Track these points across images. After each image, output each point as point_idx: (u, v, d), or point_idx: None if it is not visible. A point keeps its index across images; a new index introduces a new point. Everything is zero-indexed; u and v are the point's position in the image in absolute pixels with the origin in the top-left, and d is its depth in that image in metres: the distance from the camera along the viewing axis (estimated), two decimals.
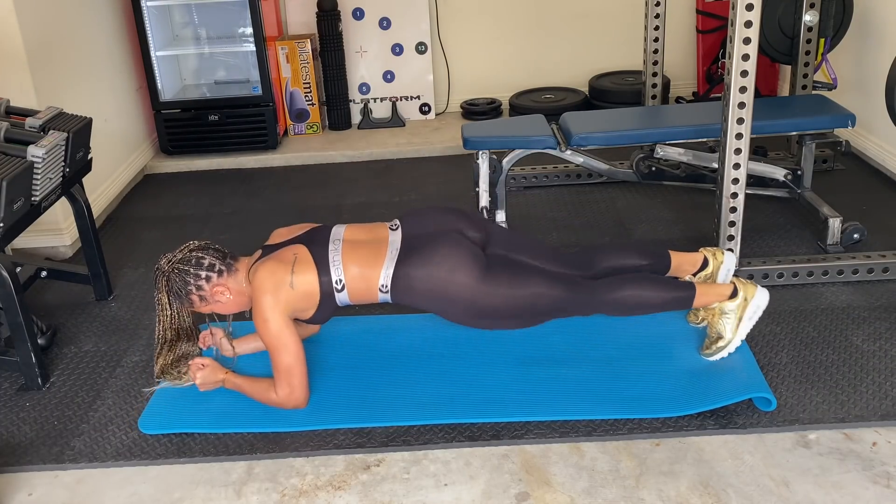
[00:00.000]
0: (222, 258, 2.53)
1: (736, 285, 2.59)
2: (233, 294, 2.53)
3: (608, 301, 2.55)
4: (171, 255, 2.52)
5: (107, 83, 4.23)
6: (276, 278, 2.42)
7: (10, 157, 2.63)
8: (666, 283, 2.63)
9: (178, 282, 2.48)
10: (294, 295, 2.43)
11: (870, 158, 4.08)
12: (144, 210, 4.14)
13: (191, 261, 2.49)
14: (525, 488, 2.21)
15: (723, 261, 2.77)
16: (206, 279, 2.49)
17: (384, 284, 2.47)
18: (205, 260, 2.50)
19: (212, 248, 2.54)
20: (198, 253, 2.51)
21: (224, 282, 2.51)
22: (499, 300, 2.47)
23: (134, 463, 2.38)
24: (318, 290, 2.46)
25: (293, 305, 2.45)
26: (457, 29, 5.08)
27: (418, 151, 4.67)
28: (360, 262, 2.48)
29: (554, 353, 2.71)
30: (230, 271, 2.52)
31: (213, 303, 2.54)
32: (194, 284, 2.48)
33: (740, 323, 2.57)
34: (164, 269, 2.50)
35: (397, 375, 2.66)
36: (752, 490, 2.15)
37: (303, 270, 2.45)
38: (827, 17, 3.67)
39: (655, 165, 3.78)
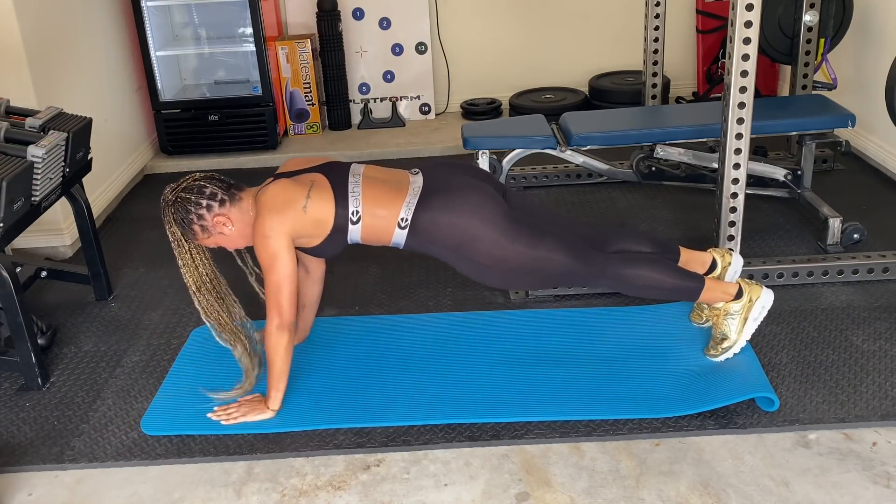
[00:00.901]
0: (226, 188, 2.45)
1: (741, 286, 2.58)
2: (235, 225, 2.44)
3: (619, 275, 2.54)
4: (176, 184, 2.45)
5: (107, 83, 4.23)
6: (287, 195, 2.35)
7: (10, 157, 2.63)
8: (678, 270, 2.62)
9: (181, 211, 2.41)
10: (304, 219, 2.36)
11: (870, 158, 4.08)
12: (144, 210, 4.14)
13: (192, 189, 2.42)
14: (525, 488, 2.21)
15: (730, 262, 2.76)
16: (206, 208, 2.41)
17: (404, 218, 2.39)
18: (206, 189, 2.42)
19: (216, 178, 2.48)
20: (200, 182, 2.44)
21: (226, 211, 2.43)
22: (514, 253, 2.43)
23: (134, 463, 2.38)
24: (332, 219, 2.38)
25: (300, 230, 2.38)
26: (457, 29, 5.08)
27: (418, 151, 4.67)
28: (381, 196, 2.41)
29: (554, 353, 2.71)
30: (233, 200, 2.44)
31: (216, 234, 2.45)
32: (195, 213, 2.40)
33: (745, 323, 2.56)
34: (168, 197, 2.43)
35: (397, 375, 2.65)
36: (752, 490, 2.15)
37: (319, 196, 2.37)
38: (827, 17, 3.67)
39: (655, 165, 3.78)
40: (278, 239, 2.34)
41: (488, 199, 2.45)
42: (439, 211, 2.41)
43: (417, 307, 3.08)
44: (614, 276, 2.55)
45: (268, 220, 2.35)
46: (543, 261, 2.47)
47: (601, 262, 2.54)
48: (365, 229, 2.43)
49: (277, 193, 2.37)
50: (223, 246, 2.52)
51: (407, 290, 3.20)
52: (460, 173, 2.56)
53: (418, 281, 3.25)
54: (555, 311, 2.97)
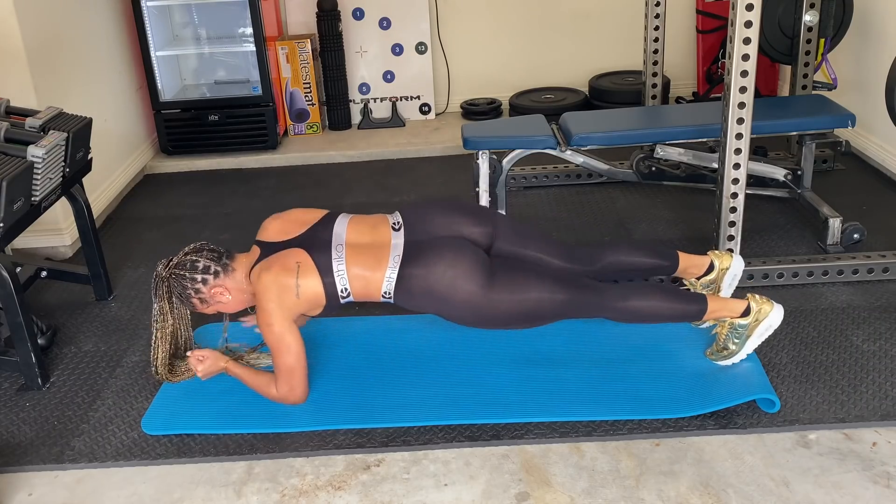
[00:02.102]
0: (217, 259, 2.52)
1: (750, 303, 2.52)
2: (232, 293, 2.53)
3: (617, 308, 2.52)
4: (168, 261, 2.53)
5: (107, 83, 4.23)
6: (280, 284, 2.41)
7: (10, 157, 2.63)
8: (677, 294, 2.58)
9: (178, 287, 2.50)
10: (299, 303, 2.43)
11: (870, 158, 4.08)
12: (144, 210, 4.14)
13: (185, 265, 2.50)
14: (525, 488, 2.21)
15: (728, 266, 2.73)
16: (202, 282, 2.49)
17: (387, 291, 2.46)
18: (199, 263, 2.50)
19: (206, 250, 2.53)
20: (192, 256, 2.51)
21: (222, 282, 2.51)
22: (503, 306, 2.44)
23: (134, 463, 2.38)
24: (323, 295, 2.46)
25: (298, 310, 2.46)
26: (457, 29, 5.08)
27: (418, 151, 4.67)
28: (364, 266, 2.46)
29: (555, 353, 2.71)
30: (227, 272, 2.52)
31: (215, 304, 2.54)
32: (192, 288, 2.49)
33: (749, 339, 2.53)
34: (163, 275, 2.51)
35: (397, 376, 2.66)
36: (752, 490, 2.15)
37: (307, 280, 2.43)
38: (827, 17, 3.67)
39: (655, 165, 3.77)
40: (281, 323, 2.42)
41: (468, 264, 2.43)
42: (418, 281, 2.44)
43: None
44: (611, 309, 2.52)
45: (267, 310, 2.42)
46: (535, 304, 2.46)
47: (596, 297, 2.51)
48: (356, 296, 2.50)
49: (270, 283, 2.41)
50: (221, 311, 2.61)
51: None
52: (440, 218, 2.56)
53: None
54: None
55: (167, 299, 2.52)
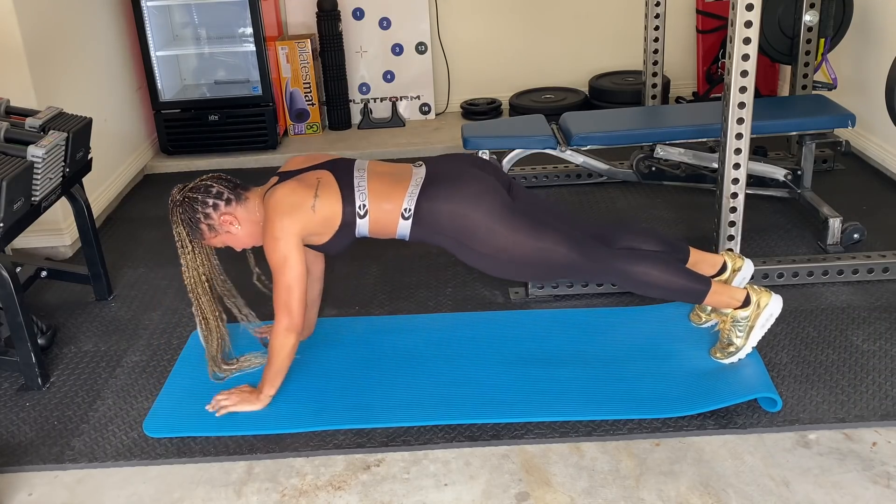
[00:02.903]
0: (232, 187, 2.49)
1: (749, 293, 2.54)
2: (242, 224, 2.48)
3: (625, 271, 2.52)
4: (184, 185, 2.49)
5: (107, 83, 4.23)
6: (296, 197, 2.38)
7: (10, 157, 2.62)
8: (685, 271, 2.58)
9: (189, 210, 2.45)
10: (314, 219, 2.39)
11: (870, 158, 4.08)
12: (144, 210, 4.14)
13: (199, 188, 2.47)
14: (525, 488, 2.21)
15: (741, 268, 2.72)
16: (213, 206, 2.45)
17: (407, 209, 2.43)
18: (213, 188, 2.46)
19: (223, 178, 2.52)
20: (207, 182, 2.49)
21: (232, 210, 2.47)
22: (514, 243, 2.44)
23: (134, 463, 2.38)
24: (340, 215, 2.42)
25: (309, 229, 2.41)
26: (457, 29, 5.08)
27: (418, 151, 4.67)
28: (386, 188, 2.44)
29: (555, 353, 2.71)
30: (239, 200, 2.48)
31: (223, 233, 2.49)
32: (202, 212, 2.44)
33: (752, 331, 2.53)
34: (176, 197, 2.47)
35: (398, 376, 2.65)
36: (752, 490, 2.15)
37: (327, 194, 2.40)
38: (827, 17, 3.67)
39: (655, 165, 3.78)
40: (288, 241, 2.37)
41: (490, 189, 2.46)
42: (441, 200, 2.43)
43: (417, 307, 3.08)
44: (620, 271, 2.53)
45: (277, 222, 2.37)
46: (545, 252, 2.47)
47: (606, 258, 2.53)
48: (372, 223, 2.46)
49: (286, 195, 2.39)
50: (231, 245, 2.55)
51: (407, 291, 3.20)
52: (464, 164, 2.57)
53: (418, 281, 3.25)
54: (555, 312, 2.97)
55: (182, 224, 2.47)
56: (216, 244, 2.54)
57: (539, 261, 2.48)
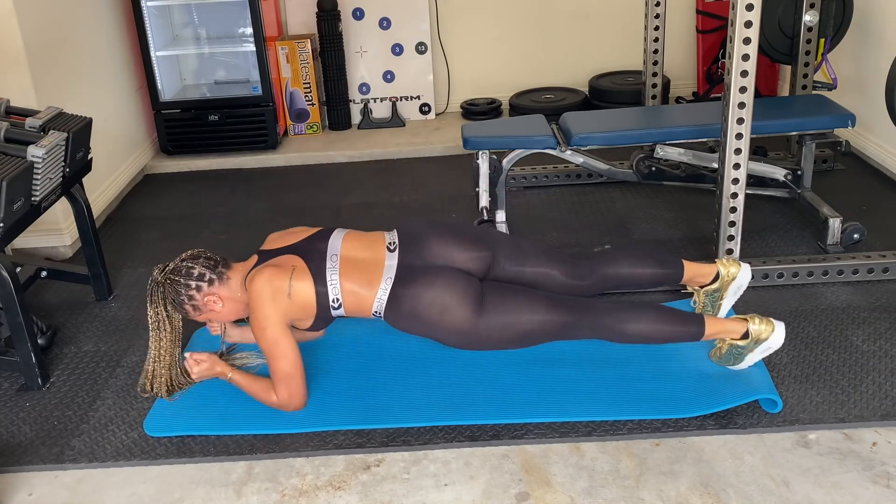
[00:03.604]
0: (213, 267, 2.52)
1: (749, 327, 2.46)
2: (225, 302, 2.53)
3: (613, 330, 2.49)
4: (164, 265, 2.53)
5: (107, 83, 4.23)
6: (273, 286, 2.42)
7: (10, 157, 2.63)
8: (674, 317, 2.52)
9: (172, 292, 2.49)
10: (291, 306, 2.44)
11: (870, 158, 4.08)
12: (144, 210, 4.14)
13: (181, 270, 2.50)
14: (525, 488, 2.21)
15: (735, 276, 2.68)
16: (196, 289, 2.49)
17: (377, 311, 2.49)
18: (194, 270, 2.49)
19: (203, 257, 2.53)
20: (188, 262, 2.51)
21: (215, 290, 2.51)
22: (493, 333, 2.45)
23: (134, 463, 2.38)
24: (314, 302, 2.46)
25: (291, 315, 2.46)
26: (457, 29, 5.08)
27: (418, 151, 4.67)
28: (356, 281, 2.47)
29: (555, 353, 2.71)
30: (221, 280, 2.52)
31: (207, 311, 2.54)
32: (185, 294, 2.49)
33: (747, 356, 2.50)
34: (158, 279, 2.51)
35: (397, 376, 2.65)
36: (752, 490, 2.15)
37: (301, 281, 2.44)
38: (827, 17, 3.67)
39: (655, 165, 3.77)
40: (275, 328, 2.43)
41: (458, 295, 2.43)
42: (407, 307, 2.45)
43: None
44: (609, 329, 2.49)
45: (260, 312, 2.42)
46: (528, 327, 2.46)
47: (592, 318, 2.48)
48: (347, 310, 2.51)
49: (264, 285, 2.42)
50: (214, 320, 2.61)
51: None
52: (436, 245, 2.55)
53: None
54: None
55: (163, 305, 2.51)
56: (201, 320, 2.59)
57: (523, 336, 2.49)
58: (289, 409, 2.49)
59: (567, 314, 2.47)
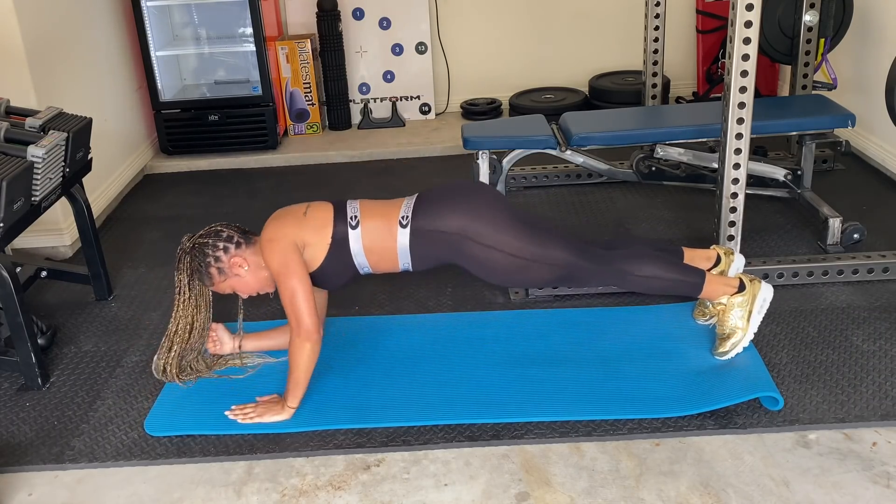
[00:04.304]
0: (241, 231, 2.58)
1: (742, 279, 2.63)
2: (250, 266, 2.53)
3: (622, 270, 2.61)
4: (193, 234, 2.57)
5: (107, 83, 4.23)
6: (290, 211, 2.54)
7: (10, 157, 2.63)
8: (680, 265, 2.68)
9: (199, 255, 2.51)
10: (306, 223, 2.49)
11: (870, 158, 4.08)
12: (144, 210, 4.14)
13: (210, 234, 2.54)
14: (525, 488, 2.21)
15: (733, 260, 2.81)
16: (223, 250, 2.51)
17: (405, 216, 2.51)
18: (223, 232, 2.55)
19: (233, 225, 2.60)
20: (217, 227, 2.57)
21: (242, 252, 2.53)
22: (515, 249, 2.50)
23: (134, 463, 2.38)
24: (331, 222, 2.50)
25: (302, 236, 2.48)
26: (457, 29, 5.08)
27: (418, 151, 4.67)
28: (378, 206, 2.56)
29: (555, 353, 2.71)
30: (248, 243, 2.55)
31: (232, 276, 2.53)
32: (213, 255, 2.50)
33: (751, 316, 2.59)
34: (186, 246, 2.53)
35: (397, 376, 2.66)
36: (752, 490, 2.15)
37: (317, 206, 2.55)
38: (827, 17, 3.67)
39: (655, 165, 3.78)
40: (284, 241, 2.46)
41: (487, 197, 2.57)
42: (439, 205, 2.53)
43: (417, 307, 3.08)
44: (619, 270, 2.61)
45: (272, 225, 2.51)
46: (545, 257, 2.53)
47: (604, 258, 2.61)
48: (366, 235, 2.50)
49: (280, 215, 2.55)
50: (237, 290, 2.59)
51: (407, 290, 3.20)
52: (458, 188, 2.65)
53: (418, 281, 3.25)
54: (555, 311, 2.97)
55: (187, 273, 2.52)
56: (223, 289, 2.58)
57: (540, 264, 2.54)
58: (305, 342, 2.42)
59: (583, 253, 2.59)
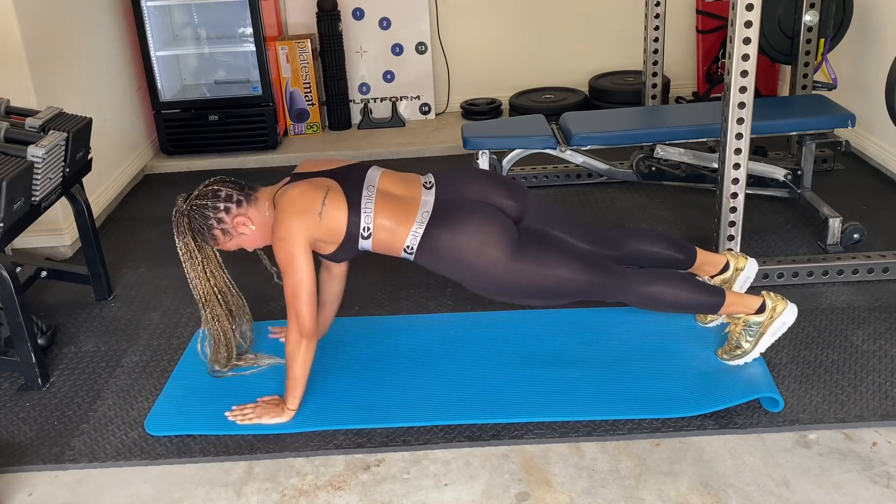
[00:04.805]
0: (240, 189, 2.46)
1: (765, 300, 2.52)
2: (256, 224, 2.45)
3: (638, 293, 2.50)
4: (188, 194, 2.46)
5: (107, 83, 4.23)
6: (305, 200, 2.35)
7: (10, 157, 2.62)
8: (698, 285, 2.56)
9: (199, 218, 2.41)
10: (320, 226, 2.36)
11: (870, 158, 4.08)
12: (144, 210, 4.14)
13: (207, 194, 2.42)
14: (525, 488, 2.21)
15: (743, 267, 2.73)
16: (225, 210, 2.41)
17: (409, 246, 2.41)
18: (221, 192, 2.43)
19: (229, 181, 2.48)
20: (214, 186, 2.44)
21: (245, 211, 2.44)
22: (527, 279, 2.42)
23: (134, 463, 2.38)
24: (344, 228, 2.39)
25: (316, 235, 2.38)
26: (457, 29, 5.08)
27: (418, 151, 4.67)
28: (391, 215, 2.40)
29: (556, 353, 2.71)
30: (250, 201, 2.45)
31: (237, 235, 2.45)
32: (214, 218, 2.41)
33: (762, 337, 2.52)
34: (182, 208, 2.44)
35: (398, 376, 2.65)
36: (752, 490, 2.15)
37: (334, 204, 2.37)
38: (827, 17, 3.67)
39: (655, 165, 3.78)
40: (295, 242, 2.34)
41: (497, 230, 2.41)
42: (444, 240, 2.40)
43: (417, 307, 3.08)
44: (634, 293, 2.51)
45: (285, 223, 2.35)
46: (558, 281, 2.44)
47: (619, 280, 2.50)
48: (375, 244, 2.44)
49: (296, 197, 2.37)
50: (243, 247, 2.52)
51: (407, 290, 3.20)
52: (475, 188, 2.53)
53: (418, 281, 3.25)
54: (556, 312, 2.97)
55: (190, 236, 2.43)
56: (229, 248, 2.50)
57: (552, 290, 2.47)
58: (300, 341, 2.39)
59: (599, 273, 2.47)
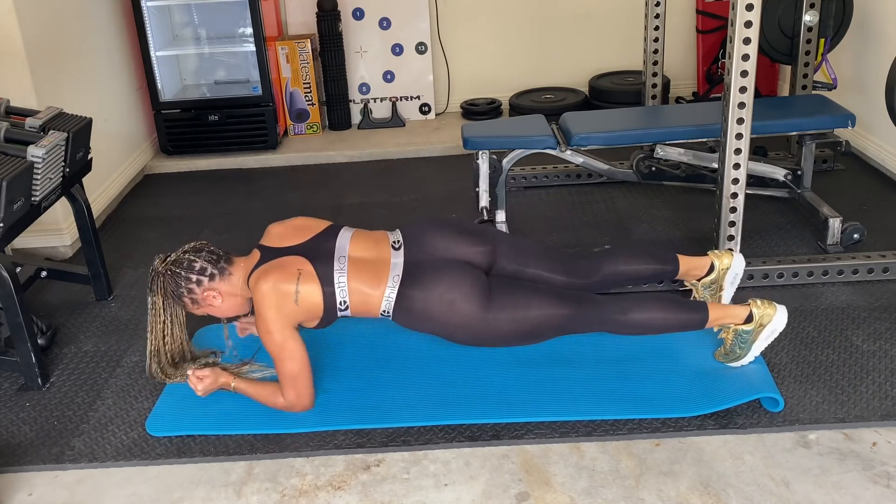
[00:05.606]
0: (215, 262, 2.50)
1: (752, 310, 2.49)
2: (225, 298, 2.51)
3: (617, 322, 2.51)
4: (166, 256, 2.51)
5: (107, 83, 4.23)
6: (280, 291, 2.38)
7: (10, 157, 2.63)
8: (677, 305, 2.57)
9: (171, 284, 2.47)
10: (298, 311, 2.41)
11: (870, 158, 4.08)
12: (144, 210, 4.14)
13: (182, 263, 2.48)
14: (525, 488, 2.21)
15: (729, 265, 2.73)
16: (196, 283, 2.47)
17: (385, 310, 2.47)
18: (196, 263, 2.48)
19: (205, 251, 2.52)
20: (190, 255, 2.49)
21: (216, 286, 2.49)
22: (502, 326, 2.45)
23: (134, 463, 2.38)
24: (321, 304, 2.44)
25: (297, 318, 2.44)
26: (457, 29, 5.08)
27: (418, 151, 4.67)
28: (364, 281, 2.45)
29: (555, 353, 2.71)
30: (223, 276, 2.50)
31: (206, 306, 2.53)
32: (185, 287, 2.47)
33: (753, 344, 2.51)
34: (158, 269, 2.49)
35: (398, 376, 2.66)
36: (752, 490, 2.15)
37: (307, 288, 2.40)
38: (827, 17, 3.67)
39: (655, 165, 3.77)
40: (282, 331, 2.40)
41: (467, 287, 2.43)
42: (417, 302, 2.44)
43: None
44: (612, 322, 2.51)
45: (267, 317, 2.39)
46: (535, 322, 2.47)
47: (597, 311, 2.50)
48: (353, 311, 2.49)
49: (270, 291, 2.38)
50: (213, 315, 2.58)
51: None
52: (441, 240, 2.55)
53: None
54: None
55: (161, 295, 2.49)
56: (198, 313, 2.57)
57: (530, 332, 2.49)
58: (296, 409, 2.48)
59: (573, 307, 2.48)
